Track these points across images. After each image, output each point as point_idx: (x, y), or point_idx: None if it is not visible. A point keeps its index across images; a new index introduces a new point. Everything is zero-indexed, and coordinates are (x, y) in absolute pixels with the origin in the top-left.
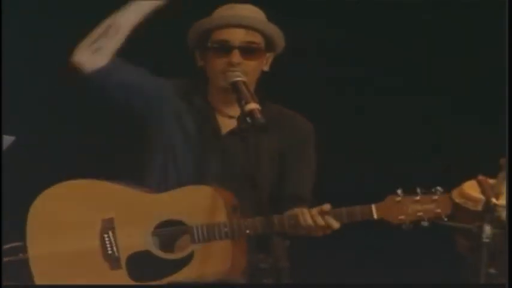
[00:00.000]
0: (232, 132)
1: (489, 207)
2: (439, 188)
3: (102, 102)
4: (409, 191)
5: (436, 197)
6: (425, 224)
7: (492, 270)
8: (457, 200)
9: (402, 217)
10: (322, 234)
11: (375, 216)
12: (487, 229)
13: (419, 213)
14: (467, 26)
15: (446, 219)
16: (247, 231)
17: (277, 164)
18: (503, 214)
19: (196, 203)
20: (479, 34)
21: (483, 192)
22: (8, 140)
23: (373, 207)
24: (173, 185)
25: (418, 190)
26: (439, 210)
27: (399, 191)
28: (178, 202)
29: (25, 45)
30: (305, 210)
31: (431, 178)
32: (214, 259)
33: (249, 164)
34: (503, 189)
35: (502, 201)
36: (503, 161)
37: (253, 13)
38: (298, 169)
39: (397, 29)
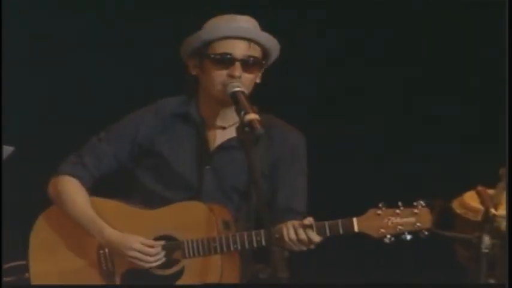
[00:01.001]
0: (224, 146)
1: (488, 218)
2: (421, 201)
3: None
4: (391, 205)
5: (416, 211)
6: (406, 237)
7: (491, 281)
8: (457, 211)
9: (383, 230)
10: (306, 248)
11: (356, 230)
12: (486, 239)
13: (400, 227)
14: (467, 26)
15: (426, 233)
16: (235, 246)
17: (269, 176)
18: (503, 224)
19: (189, 218)
20: (479, 34)
21: (482, 202)
22: (7, 150)
23: (355, 220)
24: (164, 202)
25: (400, 203)
26: (419, 224)
27: (380, 204)
28: (172, 218)
29: (25, 45)
30: (289, 225)
31: (431, 188)
32: (204, 274)
33: (241, 177)
34: (503, 199)
35: (501, 211)
36: (503, 171)
37: (254, 25)
38: (290, 181)
39: (397, 29)
